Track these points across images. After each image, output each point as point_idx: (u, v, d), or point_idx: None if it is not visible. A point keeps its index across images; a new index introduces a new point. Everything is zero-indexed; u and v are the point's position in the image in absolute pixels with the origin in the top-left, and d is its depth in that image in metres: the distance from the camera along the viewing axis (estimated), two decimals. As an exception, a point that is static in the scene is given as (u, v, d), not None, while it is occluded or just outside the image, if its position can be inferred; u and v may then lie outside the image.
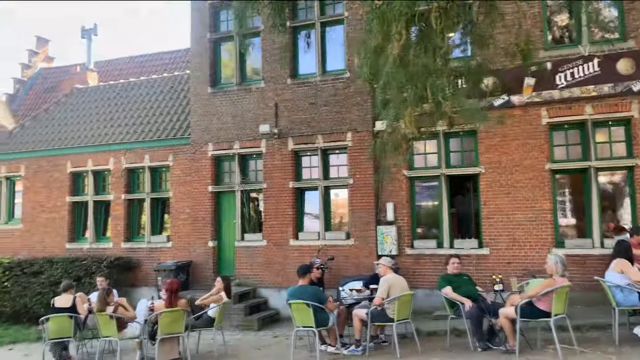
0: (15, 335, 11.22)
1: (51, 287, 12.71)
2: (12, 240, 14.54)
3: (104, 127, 14.62)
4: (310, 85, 11.85)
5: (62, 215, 14.11)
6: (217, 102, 12.71)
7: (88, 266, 12.54)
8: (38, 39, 24.04)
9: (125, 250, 13.31)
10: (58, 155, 14.34)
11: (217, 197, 12.71)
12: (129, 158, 13.54)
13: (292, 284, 11.54)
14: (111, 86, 16.50)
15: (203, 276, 12.39)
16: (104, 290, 8.08)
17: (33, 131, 15.61)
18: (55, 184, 14.27)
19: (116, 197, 13.60)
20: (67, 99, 16.61)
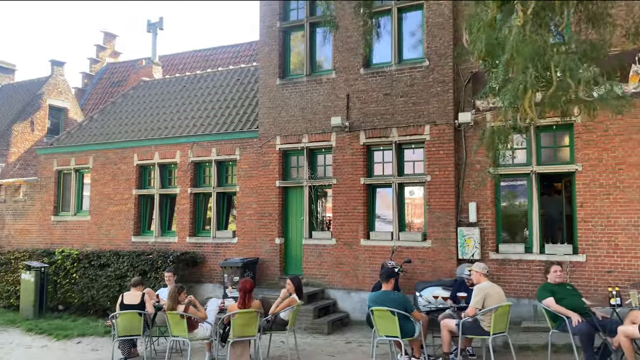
0: (83, 328, 11.15)
1: (117, 280, 12.66)
2: (81, 232, 14.65)
3: (171, 119, 14.47)
4: (385, 75, 11.13)
5: (128, 208, 14.06)
6: (286, 94, 12.21)
7: (154, 260, 12.36)
8: (105, 34, 24.53)
9: (190, 245, 13.07)
10: (125, 147, 14.31)
11: (285, 193, 12.23)
12: (196, 151, 13.29)
13: (361, 286, 11.00)
14: (177, 79, 16.39)
15: (269, 274, 11.95)
16: (176, 288, 7.70)
17: (101, 123, 15.70)
18: (122, 176, 14.24)
19: (182, 190, 13.39)
20: (134, 92, 16.65)
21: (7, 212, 15.95)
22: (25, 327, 11.45)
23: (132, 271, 12.50)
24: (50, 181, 15.33)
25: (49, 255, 13.80)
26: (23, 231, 15.59)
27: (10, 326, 11.79)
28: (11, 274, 14.15)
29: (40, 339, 10.49)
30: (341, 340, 9.62)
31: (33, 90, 18.68)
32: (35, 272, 12.77)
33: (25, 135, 18.02)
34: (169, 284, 9.57)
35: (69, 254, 13.52)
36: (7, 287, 14.15)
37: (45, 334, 10.81)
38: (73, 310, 13.23)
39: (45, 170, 15.52)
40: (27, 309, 12.71)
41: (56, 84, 19.03)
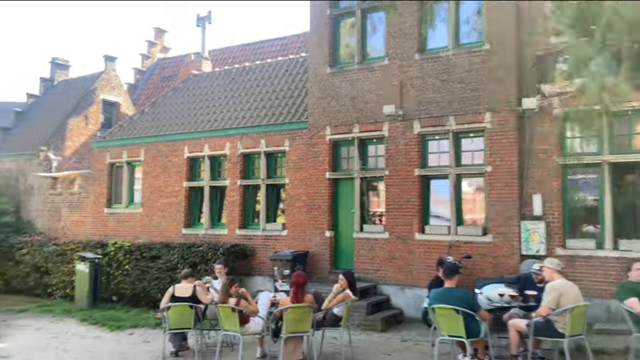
0: (135, 319, 11.19)
1: (168, 272, 12.67)
2: (133, 224, 14.81)
3: (220, 112, 14.38)
4: (441, 60, 10.56)
5: (179, 200, 14.08)
6: (336, 82, 11.83)
7: (204, 252, 12.29)
8: (156, 30, 24.86)
9: (240, 238, 12.94)
10: (176, 140, 14.33)
11: (335, 184, 11.87)
12: (245, 143, 13.12)
13: (416, 282, 10.51)
14: (226, 71, 16.31)
15: (320, 268, 11.64)
16: (227, 281, 7.48)
17: (152, 117, 15.82)
18: (173, 168, 14.27)
19: (232, 182, 13.27)
20: (184, 85, 16.70)
21: (63, 204, 16.35)
22: (79, 317, 11.60)
23: (182, 263, 12.47)
24: (103, 174, 15.58)
25: (102, 246, 14.00)
26: (78, 223, 15.94)
27: (66, 316, 11.99)
28: (67, 265, 14.45)
29: (94, 330, 10.58)
30: (396, 338, 9.20)
31: (87, 85, 19.09)
32: (90, 263, 12.96)
33: (80, 129, 18.44)
34: (219, 276, 9.42)
35: (121, 245, 13.67)
36: (63, 278, 14.47)
37: (99, 324, 10.90)
38: (125, 302, 13.36)
39: (98, 163, 15.79)
40: (81, 299, 12.92)
41: (109, 79, 19.38)
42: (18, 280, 15.52)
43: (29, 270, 15.25)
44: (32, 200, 17.23)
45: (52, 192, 16.67)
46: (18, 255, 15.51)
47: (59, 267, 14.68)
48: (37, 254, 15.10)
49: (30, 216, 17.15)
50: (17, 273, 15.50)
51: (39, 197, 17.03)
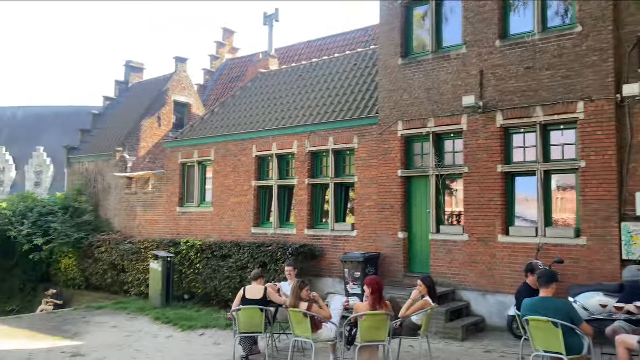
0: (207, 319, 11.14)
1: (238, 271, 12.58)
2: (204, 223, 14.89)
3: (288, 109, 14.14)
4: (526, 46, 9.67)
5: (248, 200, 13.98)
6: (409, 74, 11.21)
7: (273, 252, 12.07)
8: (224, 30, 25.16)
9: (308, 238, 12.61)
10: (244, 139, 14.24)
11: (408, 183, 11.25)
12: (313, 141, 12.77)
13: (499, 288, 9.69)
14: (294, 69, 16.07)
15: (392, 271, 11.07)
16: (298, 284, 7.11)
17: (222, 117, 15.86)
18: (242, 168, 14.20)
19: (300, 181, 12.97)
20: (252, 84, 16.64)
21: (138, 204, 16.77)
22: (153, 316, 11.73)
23: (252, 263, 12.33)
24: (175, 174, 15.81)
25: (175, 245, 14.17)
26: (152, 222, 16.28)
27: (140, 314, 12.18)
28: (142, 263, 14.77)
29: (166, 329, 10.62)
30: (479, 349, 8.48)
31: (159, 87, 19.55)
32: (163, 262, 13.13)
33: (153, 130, 18.90)
34: (289, 278, 9.12)
35: (193, 244, 13.75)
36: (138, 276, 14.80)
37: (171, 323, 10.94)
38: (197, 300, 13.43)
39: (171, 163, 16.04)
40: (155, 297, 13.11)
41: (180, 80, 19.75)
42: (97, 277, 16.08)
43: (107, 268, 15.76)
44: (109, 200, 17.84)
45: (127, 192, 17.16)
46: (97, 253, 16.08)
47: (134, 265, 15.05)
48: (114, 252, 15.58)
49: (108, 215, 17.76)
50: (97, 270, 16.07)
51: (115, 197, 17.60)
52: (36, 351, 8.82)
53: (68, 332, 10.38)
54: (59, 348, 9.04)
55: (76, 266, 16.69)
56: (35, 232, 16.08)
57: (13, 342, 9.53)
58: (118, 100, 21.21)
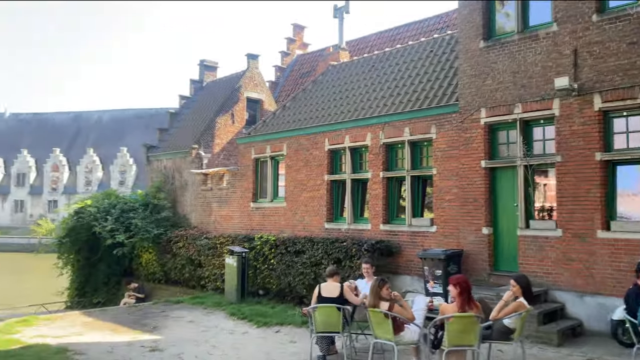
0: (281, 316, 10.95)
1: (312, 267, 12.31)
2: (277, 219, 14.78)
3: (360, 101, 13.69)
4: (629, 19, 8.62)
5: (321, 194, 13.68)
6: (492, 57, 10.40)
7: (348, 248, 11.68)
8: (295, 26, 25.08)
9: (384, 233, 12.11)
10: (316, 132, 13.95)
11: (492, 174, 10.46)
12: (387, 132, 12.24)
13: (599, 289, 8.67)
14: (365, 59, 15.59)
15: (476, 269, 10.34)
16: (377, 282, 6.67)
17: (293, 111, 15.68)
18: (314, 162, 13.92)
19: (374, 175, 12.48)
20: (323, 77, 16.34)
21: (213, 199, 16.98)
22: (229, 311, 11.71)
23: (326, 259, 12.02)
24: (248, 169, 15.83)
25: (249, 240, 14.15)
26: (226, 217, 16.42)
27: (217, 309, 12.21)
28: (217, 258, 14.90)
29: (242, 325, 10.52)
30: (578, 355, 7.66)
31: (232, 84, 19.75)
32: (237, 257, 13.13)
33: (227, 127, 19.11)
34: (367, 276, 8.70)
35: (266, 239, 13.66)
36: (214, 271, 14.94)
37: (247, 319, 10.85)
38: (272, 296, 13.32)
39: (244, 158, 16.08)
40: (230, 292, 13.14)
41: (252, 77, 19.84)
42: (175, 272, 16.45)
43: (184, 263, 16.07)
44: (186, 196, 18.23)
45: (203, 188, 17.43)
46: (175, 248, 16.44)
47: (210, 260, 15.22)
48: (191, 247, 15.85)
49: (185, 211, 18.15)
50: (175, 265, 16.44)
51: (192, 193, 17.95)
52: (117, 344, 8.98)
53: (147, 325, 10.55)
54: (139, 342, 9.16)
55: (156, 261, 17.17)
56: (117, 227, 16.70)
57: (97, 335, 9.79)
58: (193, 98, 21.68)
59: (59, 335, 9.65)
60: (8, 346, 8.58)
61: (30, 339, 9.26)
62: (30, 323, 10.60)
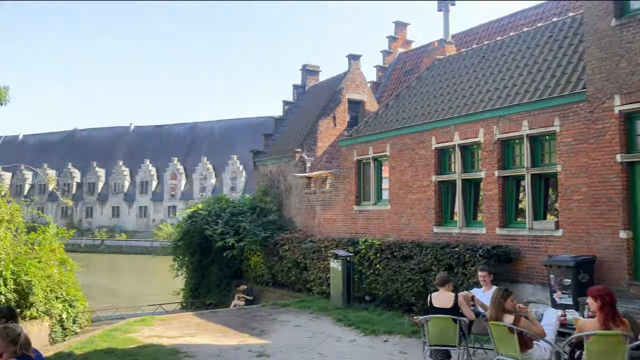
0: (389, 324, 10.41)
1: (421, 274, 11.62)
2: (381, 222, 14.25)
3: (470, 95, 12.75)
4: None
5: (428, 196, 12.93)
6: (627, 36, 9.06)
7: (460, 254, 10.85)
8: (396, 24, 24.42)
9: (500, 238, 11.09)
10: (422, 131, 13.23)
11: (630, 170, 9.10)
12: (502, 127, 11.22)
13: None
14: (475, 50, 14.57)
15: (612, 279, 9.02)
16: (500, 293, 5.90)
17: (396, 109, 15.08)
18: (420, 162, 13.21)
19: (488, 174, 11.50)
20: (428, 73, 15.56)
21: (317, 202, 16.86)
22: (335, 317, 11.40)
23: (436, 265, 11.28)
24: (351, 171, 15.48)
25: (353, 244, 13.78)
26: (330, 220, 16.20)
27: (322, 314, 11.97)
28: (322, 262, 14.70)
29: (348, 332, 10.14)
30: None
31: (333, 86, 19.57)
32: (342, 261, 12.80)
33: (329, 130, 18.96)
34: (484, 285, 7.94)
35: (371, 243, 13.19)
36: (320, 274, 14.76)
37: (353, 326, 10.45)
38: (378, 302, 12.82)
39: (346, 161, 15.77)
40: (336, 297, 12.83)
41: (353, 78, 19.52)
42: (282, 274, 16.53)
43: (290, 266, 16.09)
44: (291, 199, 18.33)
45: (307, 191, 17.39)
46: (281, 251, 16.54)
47: (315, 263, 15.07)
48: (297, 250, 15.83)
49: (290, 214, 18.25)
50: (281, 268, 16.53)
51: (296, 196, 18.00)
52: (225, 348, 9.01)
53: (255, 329, 10.55)
54: (246, 346, 9.11)
55: (263, 263, 17.42)
56: (227, 231, 17.17)
57: (207, 337, 9.94)
58: (296, 104, 21.87)
59: (172, 335, 9.93)
60: (126, 345, 8.95)
61: (147, 338, 9.62)
62: (147, 323, 11.07)
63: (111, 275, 41.39)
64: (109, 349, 8.57)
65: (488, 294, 8.22)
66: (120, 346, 8.85)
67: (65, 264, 15.21)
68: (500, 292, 5.90)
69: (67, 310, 14.14)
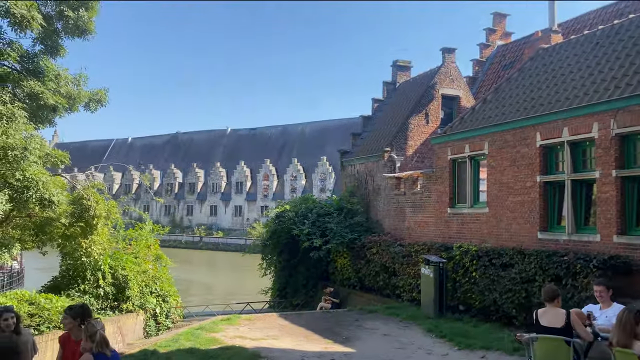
0: (486, 338, 9.45)
1: (523, 284, 10.51)
2: (478, 226, 13.16)
3: (582, 85, 11.36)
4: None
5: (531, 198, 11.69)
6: None
7: (570, 263, 9.62)
8: (495, 15, 22.90)
9: (618, 247, 9.69)
10: (524, 126, 12.01)
11: None
12: (622, 120, 9.80)
13: None
14: (586, 37, 13.04)
15: None
16: (630, 315, 4.89)
17: (495, 104, 13.89)
18: (522, 160, 12.00)
19: (604, 174, 10.11)
20: (531, 64, 14.20)
21: (406, 204, 16.05)
22: (425, 327, 10.62)
23: (541, 275, 10.12)
24: (444, 171, 14.50)
25: (446, 249, 12.87)
26: (421, 223, 15.32)
27: (412, 322, 11.23)
28: (412, 267, 13.92)
29: (440, 345, 9.32)
30: None
31: (426, 82, 18.61)
32: (434, 267, 11.96)
33: (421, 127, 18.04)
34: (601, 301, 6.81)
35: (467, 249, 12.21)
36: (409, 280, 13.98)
37: (446, 338, 9.62)
38: (474, 313, 11.82)
39: (439, 160, 14.82)
40: (427, 305, 12.01)
41: (447, 72, 18.44)
42: (369, 278, 15.93)
43: (378, 270, 15.44)
44: (378, 200, 17.66)
45: (396, 193, 16.63)
46: (369, 254, 15.94)
47: (404, 268, 14.32)
48: (385, 253, 15.16)
49: (378, 216, 17.59)
50: (369, 272, 15.93)
51: (384, 197, 17.30)
52: (308, 354, 8.59)
53: (339, 335, 10.05)
54: (330, 354, 8.64)
55: (350, 266, 16.92)
56: (314, 231, 16.88)
57: (290, 340, 9.61)
58: (386, 101, 21.15)
59: (256, 337, 9.71)
60: (208, 345, 8.83)
61: (230, 339, 9.47)
62: (233, 322, 10.98)
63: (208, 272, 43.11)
64: (191, 349, 8.49)
65: (606, 312, 7.09)
66: (203, 346, 8.75)
67: (160, 260, 15.73)
68: (632, 314, 4.87)
69: (161, 305, 14.58)
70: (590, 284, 9.15)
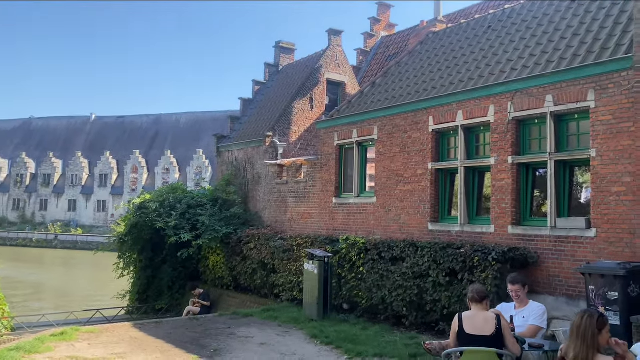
0: (378, 342, 8.26)
1: (415, 279, 9.53)
2: (365, 217, 12.09)
3: (476, 68, 10.73)
4: None
5: (422, 187, 10.83)
6: (692, -15, 7.14)
7: (467, 257, 8.77)
8: (379, 5, 22.41)
9: (513, 238, 9.08)
10: (416, 110, 11.14)
11: (691, 155, 7.18)
12: (519, 103, 9.20)
13: None
14: (478, 21, 12.57)
15: (667, 292, 7.07)
16: (597, 319, 3.76)
17: (385, 88, 12.95)
18: (413, 146, 11.11)
19: (499, 161, 9.47)
20: (421, 47, 13.50)
21: (289, 194, 14.59)
22: (309, 331, 9.18)
23: (435, 269, 9.19)
24: (330, 158, 13.27)
25: (332, 242, 11.62)
26: (304, 215, 13.95)
27: (294, 326, 9.74)
28: (294, 263, 12.48)
29: (327, 353, 7.90)
30: None
31: (311, 65, 17.36)
32: (319, 263, 10.55)
33: (305, 112, 16.73)
34: (517, 301, 5.84)
35: (354, 242, 11.03)
36: (290, 278, 12.53)
37: (333, 345, 8.24)
38: (360, 313, 10.69)
39: (325, 146, 13.55)
40: (310, 306, 10.59)
41: (334, 56, 17.35)
42: (245, 277, 14.23)
43: (256, 267, 13.80)
44: (258, 190, 16.00)
45: (278, 182, 15.10)
46: (245, 249, 14.23)
47: (285, 264, 12.83)
48: (264, 249, 13.55)
49: (257, 207, 15.92)
50: (245, 269, 14.22)
51: (265, 187, 15.69)
52: (162, 377, 6.64)
53: (207, 347, 8.21)
54: (191, 374, 6.77)
55: (224, 264, 15.05)
56: (183, 225, 14.74)
57: (140, 359, 7.53)
58: (268, 84, 19.54)
59: (95, 357, 7.50)
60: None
61: (58, 361, 7.16)
62: (68, 337, 8.59)
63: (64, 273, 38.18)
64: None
65: (522, 311, 6.18)
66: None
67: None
68: (594, 319, 3.73)
69: (-22, 316, 11.50)
70: (488, 278, 8.40)
